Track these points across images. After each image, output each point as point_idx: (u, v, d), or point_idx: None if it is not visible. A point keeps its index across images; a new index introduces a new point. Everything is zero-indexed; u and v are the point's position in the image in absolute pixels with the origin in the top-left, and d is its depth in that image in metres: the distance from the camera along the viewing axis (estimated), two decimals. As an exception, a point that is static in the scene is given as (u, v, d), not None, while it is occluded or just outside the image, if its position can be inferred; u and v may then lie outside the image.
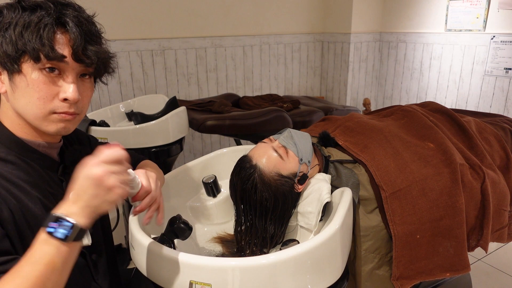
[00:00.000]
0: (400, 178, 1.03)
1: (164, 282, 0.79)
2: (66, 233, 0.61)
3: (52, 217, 0.62)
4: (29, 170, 0.76)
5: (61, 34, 0.71)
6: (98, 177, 0.62)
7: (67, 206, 0.63)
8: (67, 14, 0.71)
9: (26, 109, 0.73)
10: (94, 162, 0.63)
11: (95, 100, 2.56)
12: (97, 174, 0.62)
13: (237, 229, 1.06)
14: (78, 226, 0.62)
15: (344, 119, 1.30)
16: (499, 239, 1.21)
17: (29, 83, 0.71)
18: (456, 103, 2.98)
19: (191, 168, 1.20)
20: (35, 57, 0.69)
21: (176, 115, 1.89)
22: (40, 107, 0.72)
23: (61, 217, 0.61)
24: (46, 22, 0.69)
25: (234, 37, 2.98)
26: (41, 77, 0.71)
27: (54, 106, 0.73)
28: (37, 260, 0.60)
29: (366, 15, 3.28)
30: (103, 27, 0.79)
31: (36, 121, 0.74)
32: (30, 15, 0.69)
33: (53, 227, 0.61)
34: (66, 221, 0.61)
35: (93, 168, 0.62)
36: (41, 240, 0.62)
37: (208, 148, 3.12)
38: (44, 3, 0.70)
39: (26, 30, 0.68)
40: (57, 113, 0.74)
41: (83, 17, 0.74)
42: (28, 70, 0.70)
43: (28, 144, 0.77)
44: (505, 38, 2.60)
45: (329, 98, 3.58)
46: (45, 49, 0.68)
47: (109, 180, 0.62)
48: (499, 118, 1.50)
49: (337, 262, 0.84)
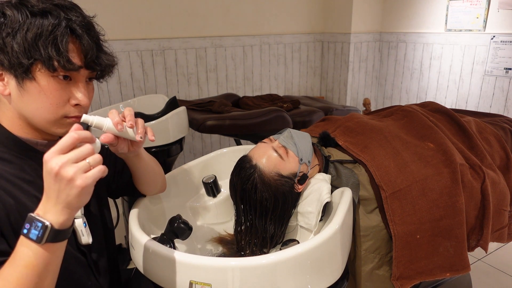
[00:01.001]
0: (400, 178, 1.03)
1: (164, 282, 0.79)
2: (37, 233, 0.59)
3: (28, 217, 0.60)
4: (27, 168, 0.76)
5: (73, 42, 0.71)
6: (55, 172, 0.58)
7: (42, 205, 0.62)
8: (75, 20, 0.71)
9: (36, 114, 0.73)
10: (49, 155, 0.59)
11: (95, 100, 2.56)
12: (53, 169, 0.58)
13: (237, 229, 1.06)
14: (50, 226, 0.59)
15: (344, 119, 1.30)
16: (499, 239, 1.21)
17: (42, 89, 0.71)
18: (456, 103, 2.98)
19: (191, 168, 1.20)
20: (51, 67, 0.69)
21: (176, 115, 1.89)
22: (52, 112, 0.73)
23: (33, 217, 0.60)
24: (61, 31, 0.69)
25: (234, 37, 2.98)
26: (54, 84, 0.71)
27: (66, 111, 0.75)
28: (16, 262, 0.60)
29: (366, 15, 3.28)
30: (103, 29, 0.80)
31: (47, 124, 0.75)
32: (41, 21, 0.68)
33: (26, 228, 0.60)
34: (38, 221, 0.59)
35: (48, 163, 0.59)
36: (20, 241, 0.61)
37: (208, 148, 3.12)
38: (53, 9, 0.70)
39: (40, 39, 0.68)
40: (69, 117, 0.76)
41: (88, 21, 0.74)
42: (41, 77, 0.70)
43: (26, 143, 0.77)
44: (505, 38, 2.60)
45: (329, 98, 3.58)
46: (62, 60, 0.69)
47: (66, 172, 0.58)
48: (499, 118, 1.50)
49: (337, 262, 0.84)
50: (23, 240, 0.60)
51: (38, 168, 0.78)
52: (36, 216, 0.60)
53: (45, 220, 0.59)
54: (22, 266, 0.59)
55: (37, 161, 0.79)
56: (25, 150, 0.77)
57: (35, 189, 0.75)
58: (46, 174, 0.60)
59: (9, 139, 0.76)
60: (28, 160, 0.77)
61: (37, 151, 0.79)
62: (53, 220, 0.60)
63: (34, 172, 0.77)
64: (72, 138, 0.60)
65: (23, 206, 0.72)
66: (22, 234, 0.60)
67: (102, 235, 0.92)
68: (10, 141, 0.76)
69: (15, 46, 0.68)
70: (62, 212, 0.61)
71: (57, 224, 0.60)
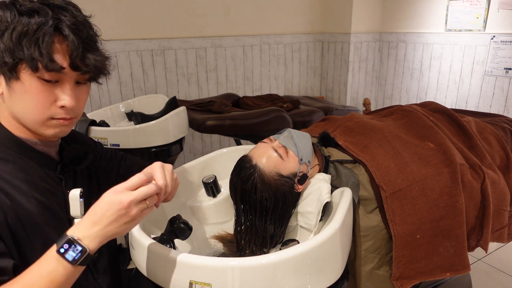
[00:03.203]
0: (400, 178, 1.03)
1: (164, 282, 0.79)
2: (75, 256, 0.62)
3: (66, 237, 0.62)
4: (25, 168, 0.76)
5: (59, 42, 0.70)
6: (125, 205, 0.62)
7: (83, 228, 0.64)
8: (64, 20, 0.70)
9: (24, 114, 0.73)
10: (122, 187, 0.64)
11: (95, 100, 2.56)
12: (125, 202, 0.62)
13: (237, 229, 1.06)
14: (88, 252, 0.62)
15: (344, 119, 1.30)
16: (499, 239, 1.21)
17: (27, 89, 0.70)
18: (456, 103, 2.98)
19: (191, 168, 1.20)
20: (34, 67, 0.68)
21: (176, 115, 1.89)
22: (38, 113, 0.72)
23: (75, 240, 0.62)
24: (45, 30, 0.67)
25: (234, 37, 2.98)
26: (39, 85, 0.70)
27: (52, 112, 0.73)
28: (43, 275, 0.61)
29: (366, 15, 3.28)
30: (99, 29, 0.78)
31: (34, 125, 0.74)
32: (27, 20, 0.67)
33: (65, 248, 0.62)
34: (79, 245, 0.62)
35: (121, 195, 0.63)
36: (51, 256, 0.62)
37: (208, 148, 3.12)
38: (41, 8, 0.69)
39: (24, 38, 0.67)
40: (55, 119, 0.74)
41: (80, 21, 0.72)
42: (26, 77, 0.70)
43: (26, 143, 0.77)
44: (505, 38, 2.60)
45: (329, 98, 3.58)
46: (44, 60, 0.67)
47: (133, 210, 0.63)
48: (499, 118, 1.50)
49: (337, 262, 0.84)
50: (57, 257, 0.62)
51: (38, 168, 0.78)
52: (77, 239, 0.63)
53: (85, 246, 0.62)
54: (48, 280, 0.61)
55: (37, 161, 0.79)
56: (25, 150, 0.77)
57: (34, 189, 0.75)
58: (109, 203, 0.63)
59: (9, 139, 0.76)
60: (27, 160, 0.77)
61: (36, 151, 0.79)
62: (90, 246, 0.63)
63: (34, 172, 0.77)
64: (140, 179, 0.66)
65: (20, 207, 0.71)
66: (57, 252, 0.62)
67: None
68: (9, 140, 0.76)
69: (1, 45, 0.67)
70: (102, 241, 0.64)
71: (92, 250, 0.63)
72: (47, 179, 0.79)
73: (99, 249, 0.88)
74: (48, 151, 0.81)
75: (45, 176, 0.79)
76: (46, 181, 0.79)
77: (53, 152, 0.83)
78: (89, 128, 1.70)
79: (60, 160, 0.84)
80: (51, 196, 0.77)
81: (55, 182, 0.81)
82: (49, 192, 0.78)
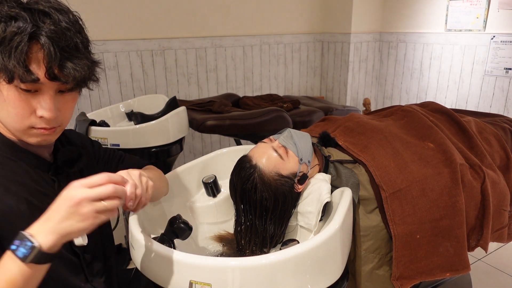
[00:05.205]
0: (400, 178, 1.03)
1: (164, 282, 0.79)
2: (25, 252, 0.59)
3: (19, 234, 0.60)
4: (15, 169, 0.75)
5: (36, 51, 0.66)
6: (75, 201, 0.59)
7: (37, 224, 0.61)
8: (43, 27, 0.66)
9: (6, 122, 0.72)
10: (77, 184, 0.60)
11: (95, 100, 2.56)
12: (73, 197, 0.59)
13: (237, 229, 1.06)
14: (39, 248, 0.59)
15: (344, 119, 1.30)
16: (499, 239, 1.21)
17: (5, 98, 0.68)
18: (456, 103, 2.98)
19: (191, 168, 1.20)
20: (9, 77, 0.65)
21: (176, 115, 1.89)
22: (17, 122, 0.71)
23: (25, 236, 0.59)
24: (20, 40, 0.64)
25: (234, 37, 2.98)
26: (17, 94, 0.68)
27: (31, 122, 0.71)
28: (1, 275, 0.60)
29: (366, 15, 3.27)
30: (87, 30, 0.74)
31: (16, 132, 0.74)
32: (4, 28, 0.64)
33: (16, 245, 0.59)
34: (28, 240, 0.59)
35: (73, 190, 0.60)
36: (7, 255, 0.60)
37: (208, 148, 3.12)
38: (19, 14, 0.65)
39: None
40: (36, 128, 0.72)
41: (62, 28, 0.68)
42: (4, 86, 0.67)
43: (17, 144, 0.76)
44: (505, 38, 2.60)
45: (329, 98, 3.58)
46: (18, 71, 0.64)
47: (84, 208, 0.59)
48: (499, 118, 1.50)
49: (337, 262, 0.84)
50: (10, 255, 0.60)
51: (29, 170, 0.77)
52: (28, 235, 0.59)
53: (35, 241, 0.59)
54: (3, 280, 0.59)
55: (29, 163, 0.78)
56: (17, 152, 0.76)
57: (26, 191, 0.74)
58: (62, 198, 0.60)
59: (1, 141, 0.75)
60: (19, 162, 0.76)
61: (28, 152, 0.78)
62: (43, 242, 0.59)
63: (26, 174, 0.76)
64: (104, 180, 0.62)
65: (10, 208, 0.70)
66: (10, 250, 0.60)
67: (99, 237, 0.91)
68: (1, 142, 0.75)
69: None
70: (55, 238, 0.60)
71: (46, 247, 0.59)
72: (40, 181, 0.78)
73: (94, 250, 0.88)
74: (40, 153, 0.80)
75: (37, 177, 0.78)
76: (38, 183, 0.78)
77: (46, 153, 0.82)
78: (89, 128, 1.70)
79: (54, 161, 0.83)
80: (43, 198, 0.76)
81: (48, 183, 0.80)
82: (41, 194, 0.77)
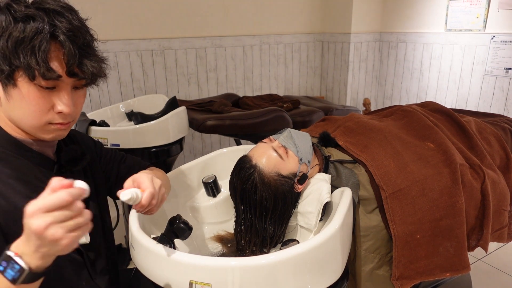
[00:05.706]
0: (400, 178, 1.03)
1: (164, 282, 0.79)
2: (13, 275, 0.56)
3: (4, 255, 0.58)
4: (20, 167, 0.75)
5: (55, 50, 0.69)
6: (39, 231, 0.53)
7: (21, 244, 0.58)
8: (61, 26, 0.69)
9: (22, 119, 0.73)
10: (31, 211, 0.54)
11: (95, 100, 2.56)
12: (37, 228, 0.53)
13: (237, 229, 1.06)
14: (27, 270, 0.57)
15: (344, 119, 1.30)
16: (499, 239, 1.21)
17: (24, 96, 0.70)
18: (456, 103, 2.98)
19: (191, 168, 1.20)
20: (31, 75, 0.67)
21: (176, 115, 1.89)
22: (36, 119, 0.73)
23: (11, 257, 0.57)
24: (41, 38, 0.66)
25: (234, 37, 2.98)
26: (36, 91, 0.70)
27: (49, 117, 0.74)
28: None
29: (366, 15, 3.27)
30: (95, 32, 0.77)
31: (32, 130, 0.75)
32: (23, 27, 0.66)
33: (3, 266, 0.57)
34: (15, 263, 0.57)
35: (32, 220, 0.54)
36: None
37: (208, 148, 3.12)
38: (36, 14, 0.67)
39: (20, 46, 0.66)
40: (53, 124, 0.75)
41: (76, 27, 0.71)
42: (23, 84, 0.69)
43: (22, 143, 0.77)
44: (505, 38, 2.60)
45: (329, 98, 3.58)
46: (40, 69, 0.67)
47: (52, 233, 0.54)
48: (499, 118, 1.50)
49: (337, 262, 0.84)
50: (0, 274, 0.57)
51: (34, 168, 0.78)
52: (14, 256, 0.57)
53: (23, 263, 0.57)
54: None
55: (33, 161, 0.79)
56: (21, 150, 0.77)
57: (31, 190, 0.74)
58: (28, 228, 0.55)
59: (5, 139, 0.76)
60: (24, 160, 0.77)
61: (33, 151, 0.79)
62: (31, 263, 0.57)
63: (31, 172, 0.77)
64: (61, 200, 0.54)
65: (14, 207, 0.71)
66: None
67: (101, 235, 0.92)
68: (5, 140, 0.76)
69: None
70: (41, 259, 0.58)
71: (34, 267, 0.58)
72: (44, 179, 0.78)
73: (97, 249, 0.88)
74: (44, 151, 0.81)
75: (41, 176, 0.79)
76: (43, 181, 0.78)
77: (50, 152, 0.83)
78: (89, 128, 1.70)
79: (57, 160, 0.84)
80: None
81: None
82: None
